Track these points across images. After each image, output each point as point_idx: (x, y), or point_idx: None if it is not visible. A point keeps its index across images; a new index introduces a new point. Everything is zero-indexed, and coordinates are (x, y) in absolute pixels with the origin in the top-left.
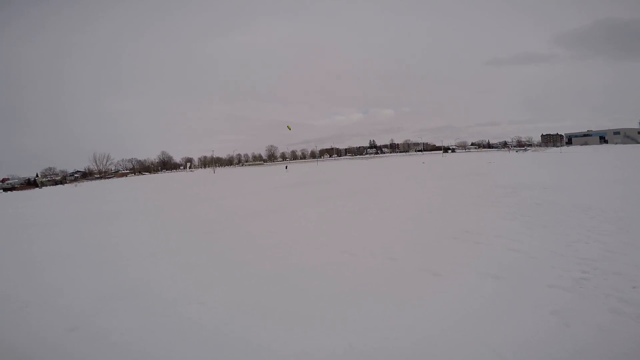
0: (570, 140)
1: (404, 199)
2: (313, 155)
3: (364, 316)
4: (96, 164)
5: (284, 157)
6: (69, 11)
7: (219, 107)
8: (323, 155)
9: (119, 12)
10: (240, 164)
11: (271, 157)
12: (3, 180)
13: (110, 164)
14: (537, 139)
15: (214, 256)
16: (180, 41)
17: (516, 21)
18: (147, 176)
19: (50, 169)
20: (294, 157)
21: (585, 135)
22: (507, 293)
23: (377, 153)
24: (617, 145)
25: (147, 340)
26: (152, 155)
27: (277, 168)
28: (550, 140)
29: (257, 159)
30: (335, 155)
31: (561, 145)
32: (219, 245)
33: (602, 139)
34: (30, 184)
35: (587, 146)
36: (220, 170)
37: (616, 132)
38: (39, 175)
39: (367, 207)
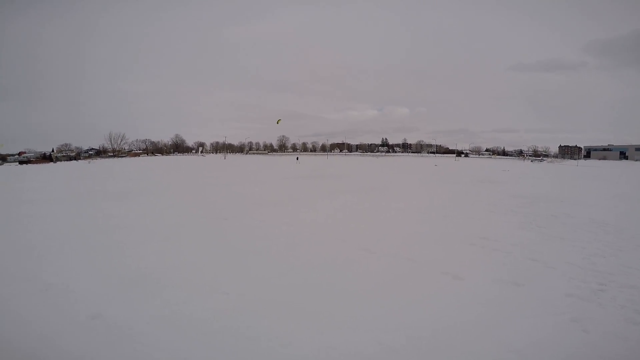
0: (588, 153)
1: (417, 200)
2: (323, 149)
3: (389, 314)
4: (111, 142)
5: (294, 149)
6: None
7: (232, 93)
8: (333, 150)
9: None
10: (245, 152)
11: (282, 148)
12: (20, 154)
13: (124, 144)
14: (554, 149)
15: (233, 245)
16: (197, 27)
17: (546, 26)
18: (160, 157)
19: (65, 144)
20: (305, 149)
21: (605, 149)
22: (527, 299)
23: (388, 151)
24: (638, 163)
25: (172, 330)
26: (165, 137)
27: (287, 158)
28: (568, 151)
29: (268, 148)
30: (346, 151)
31: (579, 158)
32: (236, 234)
33: (623, 154)
34: (46, 158)
35: (606, 161)
36: (231, 157)
37: (638, 148)
38: (54, 151)
39: (381, 205)
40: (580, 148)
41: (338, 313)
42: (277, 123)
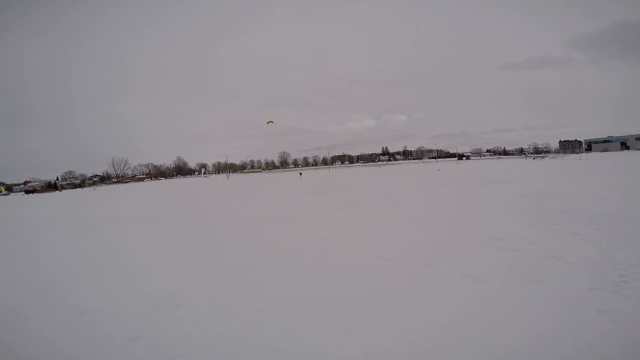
0: (589, 146)
1: (426, 207)
2: (325, 162)
3: (417, 318)
4: (114, 168)
5: (295, 164)
6: (73, 10)
7: (231, 112)
8: (335, 162)
9: (126, 12)
10: (244, 170)
11: (283, 164)
12: (25, 183)
13: (127, 169)
14: (554, 145)
15: (253, 263)
16: (193, 44)
17: (527, 24)
18: (163, 181)
19: (70, 172)
20: (306, 163)
21: (605, 141)
22: (551, 295)
23: (389, 160)
24: None
25: (212, 350)
26: (167, 160)
27: (289, 174)
28: (569, 146)
29: (270, 165)
30: (347, 162)
31: (580, 152)
32: (254, 252)
33: (624, 144)
34: (51, 186)
35: (608, 152)
36: (233, 176)
37: (638, 138)
38: (59, 179)
39: (390, 214)
40: (580, 142)
41: (367, 321)
42: (267, 124)
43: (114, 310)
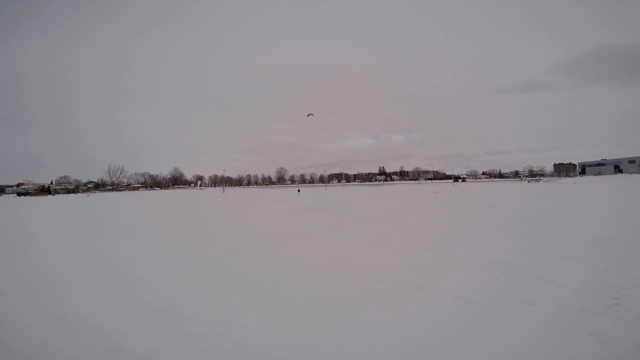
0: (583, 169)
1: (421, 228)
2: (322, 180)
3: (410, 339)
4: (110, 175)
5: (292, 181)
6: (77, 15)
7: (230, 125)
8: (331, 180)
9: (130, 21)
10: (241, 185)
11: (280, 180)
12: (18, 185)
13: (123, 177)
14: (549, 168)
15: (245, 279)
16: (196, 57)
17: (511, 51)
18: (159, 192)
19: (64, 177)
20: (303, 180)
21: (599, 164)
22: (543, 318)
23: (386, 180)
24: (633, 175)
25: None
26: (164, 170)
27: (287, 191)
28: (563, 169)
29: (267, 181)
30: (344, 181)
31: (574, 175)
32: (247, 268)
33: (617, 168)
34: (44, 190)
35: (602, 176)
36: (230, 190)
37: (631, 161)
38: (53, 183)
39: (385, 235)
40: (574, 165)
41: (358, 342)
42: (308, 116)
43: (97, 319)
